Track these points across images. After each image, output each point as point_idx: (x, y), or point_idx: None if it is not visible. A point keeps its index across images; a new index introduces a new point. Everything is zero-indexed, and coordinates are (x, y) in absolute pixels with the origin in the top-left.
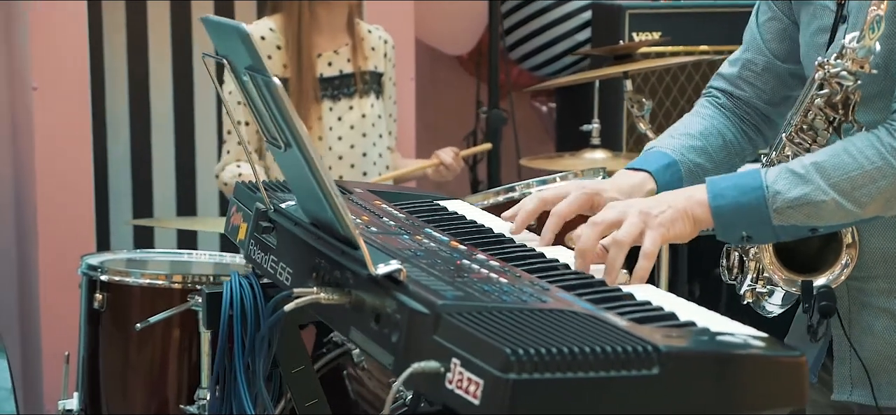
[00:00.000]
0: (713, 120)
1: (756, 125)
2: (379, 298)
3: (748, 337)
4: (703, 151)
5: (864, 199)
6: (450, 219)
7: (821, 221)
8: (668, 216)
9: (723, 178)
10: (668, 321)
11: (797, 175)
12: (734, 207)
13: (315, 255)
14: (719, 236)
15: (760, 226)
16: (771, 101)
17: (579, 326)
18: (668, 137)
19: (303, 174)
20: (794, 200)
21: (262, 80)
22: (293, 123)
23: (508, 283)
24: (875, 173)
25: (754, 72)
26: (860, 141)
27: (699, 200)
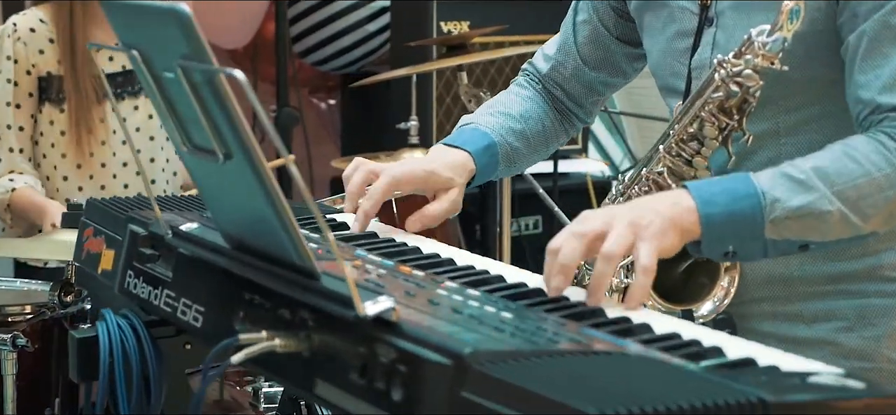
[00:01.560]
0: (534, 103)
1: (569, 119)
2: (362, 344)
3: (831, 374)
4: (521, 136)
5: (869, 210)
6: (368, 238)
7: (818, 236)
8: (657, 227)
9: (707, 182)
10: (717, 358)
11: (797, 181)
12: (726, 216)
13: (244, 289)
14: (704, 251)
15: (750, 240)
16: (578, 103)
17: (648, 373)
18: (488, 114)
19: (243, 191)
20: (796, 210)
21: (203, 75)
22: (243, 130)
23: (513, 316)
24: (883, 181)
25: (563, 75)
26: (863, 145)
27: (686, 206)
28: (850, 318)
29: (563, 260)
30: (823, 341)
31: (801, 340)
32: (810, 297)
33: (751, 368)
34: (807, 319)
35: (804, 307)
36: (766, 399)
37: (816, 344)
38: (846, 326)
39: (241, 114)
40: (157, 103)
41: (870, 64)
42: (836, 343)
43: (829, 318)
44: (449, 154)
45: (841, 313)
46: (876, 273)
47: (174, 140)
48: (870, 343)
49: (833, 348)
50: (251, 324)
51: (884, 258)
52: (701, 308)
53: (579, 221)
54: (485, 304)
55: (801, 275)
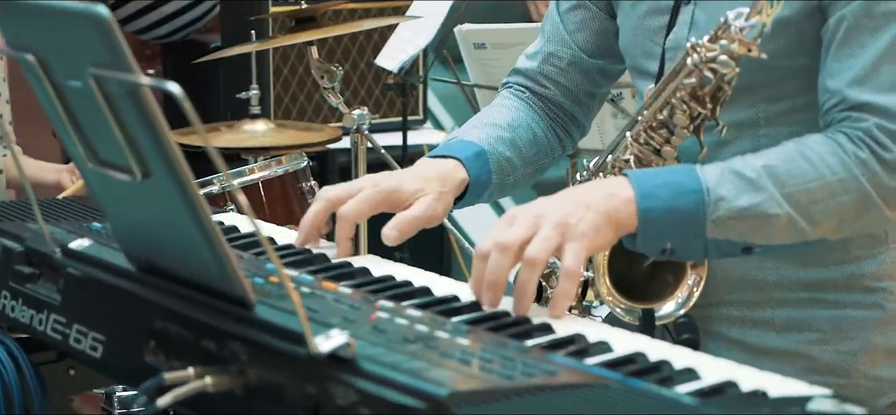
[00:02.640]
0: (520, 112)
1: (564, 125)
2: (311, 384)
3: (827, 399)
4: (511, 144)
5: (819, 216)
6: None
7: (763, 239)
8: (589, 223)
9: (649, 173)
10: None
11: (745, 179)
12: (666, 212)
13: (155, 316)
14: (639, 246)
15: (690, 238)
16: (576, 99)
17: (642, 408)
18: (470, 127)
19: (162, 210)
20: (742, 211)
21: (122, 87)
22: (168, 146)
23: (470, 342)
24: (837, 186)
25: (558, 67)
26: (819, 145)
27: (624, 198)
28: (825, 329)
29: (491, 277)
30: (795, 353)
31: (770, 350)
32: (783, 304)
33: (738, 394)
34: (778, 327)
35: (776, 314)
36: None
37: (787, 356)
38: (821, 338)
39: (166, 129)
40: (55, 115)
41: (845, 52)
42: (810, 356)
43: (802, 328)
44: (430, 166)
45: (815, 323)
46: (855, 283)
47: (74, 154)
48: (845, 358)
49: (805, 361)
50: (165, 356)
51: (865, 267)
52: (663, 308)
53: (507, 222)
54: (434, 327)
55: (775, 279)
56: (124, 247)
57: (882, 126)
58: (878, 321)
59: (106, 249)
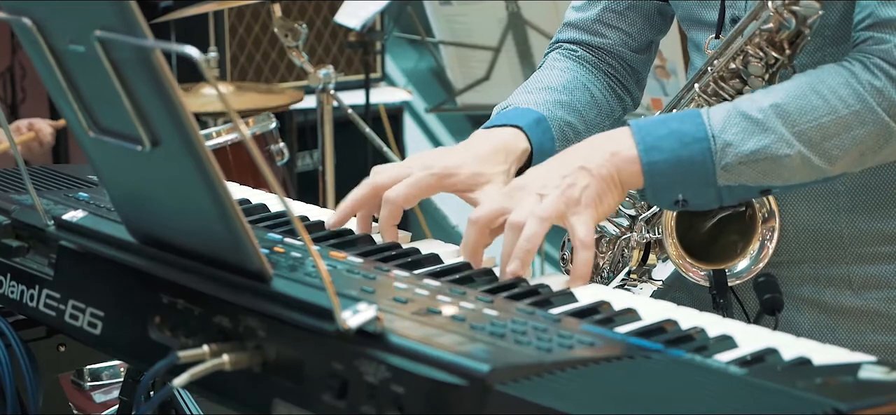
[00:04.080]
0: (575, 73)
1: (622, 81)
2: (337, 360)
3: (876, 367)
4: (570, 108)
5: (835, 152)
6: (261, 212)
7: (778, 180)
8: (593, 192)
9: (653, 122)
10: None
11: (753, 121)
12: (673, 162)
13: (161, 291)
14: (650, 200)
15: (701, 187)
16: (637, 47)
17: (694, 383)
18: (523, 93)
19: (172, 181)
20: (750, 155)
21: (133, 51)
22: (181, 113)
23: (499, 314)
24: (852, 120)
25: (616, 12)
26: (830, 78)
27: (626, 156)
28: None
29: (527, 245)
30: (874, 311)
31: (846, 309)
32: (861, 259)
33: (781, 362)
34: (855, 284)
35: (853, 271)
36: (842, 410)
37: (865, 316)
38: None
39: (180, 95)
40: (52, 81)
41: None
42: (890, 315)
43: (881, 285)
44: (486, 140)
45: (895, 279)
46: None
47: (72, 123)
48: None
49: (885, 320)
50: (172, 332)
51: None
52: (735, 266)
53: (508, 193)
54: (457, 298)
55: (851, 233)
56: (126, 218)
57: None
58: None
59: (102, 220)
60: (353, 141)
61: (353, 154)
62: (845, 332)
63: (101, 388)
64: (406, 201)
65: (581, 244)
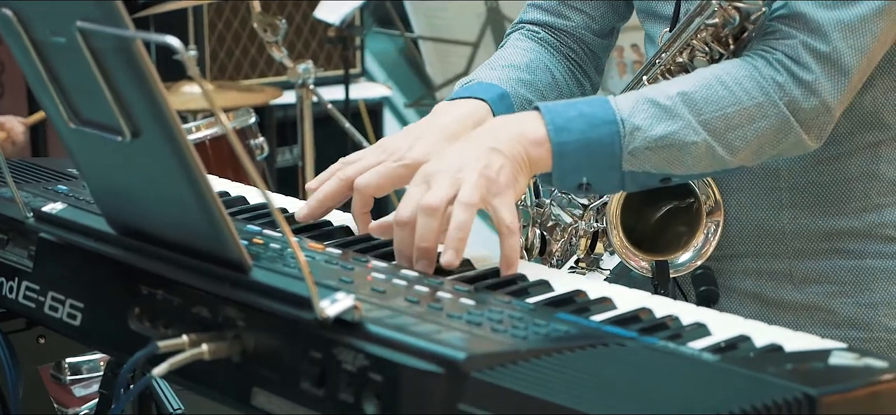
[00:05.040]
0: (537, 53)
1: (582, 65)
2: (316, 348)
3: (845, 353)
4: (532, 87)
5: (737, 143)
6: (240, 205)
7: (681, 168)
8: (509, 173)
9: (562, 105)
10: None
11: (661, 107)
12: (581, 145)
13: (140, 282)
14: (555, 183)
15: (606, 171)
16: (600, 31)
17: (666, 369)
18: (488, 69)
19: (152, 172)
20: (658, 140)
21: (114, 42)
22: (162, 104)
23: (475, 303)
24: (755, 111)
25: None
26: (736, 70)
27: (534, 138)
28: (844, 281)
29: (423, 244)
30: (813, 306)
31: (787, 303)
32: (802, 254)
33: (753, 348)
34: (796, 279)
35: (794, 266)
36: (812, 395)
37: (805, 310)
38: (840, 290)
39: (160, 85)
40: (33, 72)
41: None
42: (829, 310)
43: (821, 280)
44: (450, 112)
45: (835, 275)
46: (876, 232)
47: (53, 114)
48: (866, 311)
49: (824, 314)
50: (151, 323)
51: (885, 215)
52: (679, 258)
53: (423, 180)
54: (434, 287)
55: (793, 229)
56: (106, 210)
57: (807, 43)
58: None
59: (82, 212)
60: (333, 136)
61: (333, 150)
62: (786, 326)
63: (81, 382)
64: (377, 191)
65: (508, 230)
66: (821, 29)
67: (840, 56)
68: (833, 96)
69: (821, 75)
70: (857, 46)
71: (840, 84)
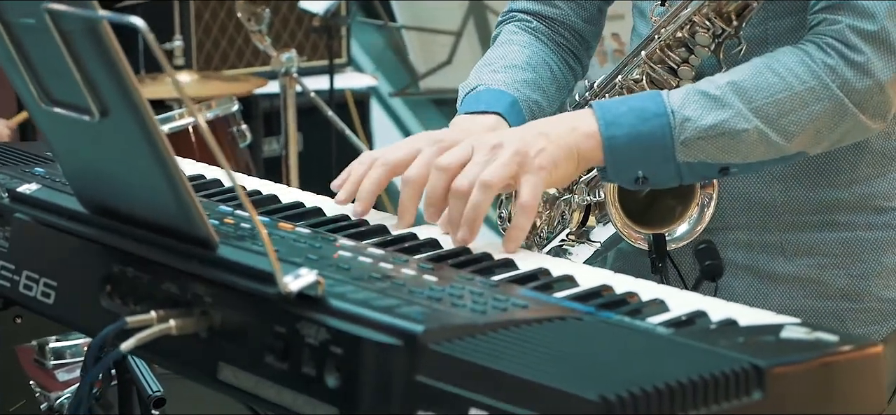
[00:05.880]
0: (534, 48)
1: (574, 51)
2: (280, 323)
3: (798, 328)
4: (535, 85)
5: (792, 128)
6: (216, 187)
7: (737, 157)
8: (548, 156)
9: (614, 101)
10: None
11: (711, 97)
12: (633, 138)
13: (112, 260)
14: (611, 178)
15: (660, 163)
16: (588, 17)
17: (621, 343)
18: (490, 71)
19: (121, 151)
20: (709, 129)
21: (81, 23)
22: (129, 84)
23: (438, 279)
24: (807, 96)
25: None
26: (786, 57)
27: (586, 131)
28: (835, 252)
29: (471, 214)
30: (805, 278)
31: (779, 275)
32: (793, 227)
33: (709, 323)
34: (788, 252)
35: (785, 238)
36: (760, 365)
37: (797, 281)
38: (831, 261)
39: (127, 65)
40: (5, 55)
41: None
42: (820, 281)
43: (812, 252)
44: (473, 123)
45: (826, 246)
46: (866, 203)
47: (24, 95)
48: (856, 281)
49: (816, 286)
50: (122, 301)
51: (875, 186)
52: (675, 231)
53: (457, 147)
54: (399, 265)
55: (784, 201)
56: (78, 190)
57: (854, 26)
58: (889, 241)
59: (56, 193)
60: (321, 126)
61: (322, 138)
62: (778, 297)
63: (65, 366)
64: (404, 166)
65: (521, 208)
66: (867, 11)
67: (888, 35)
68: (886, 75)
69: (872, 55)
70: None
71: (891, 63)
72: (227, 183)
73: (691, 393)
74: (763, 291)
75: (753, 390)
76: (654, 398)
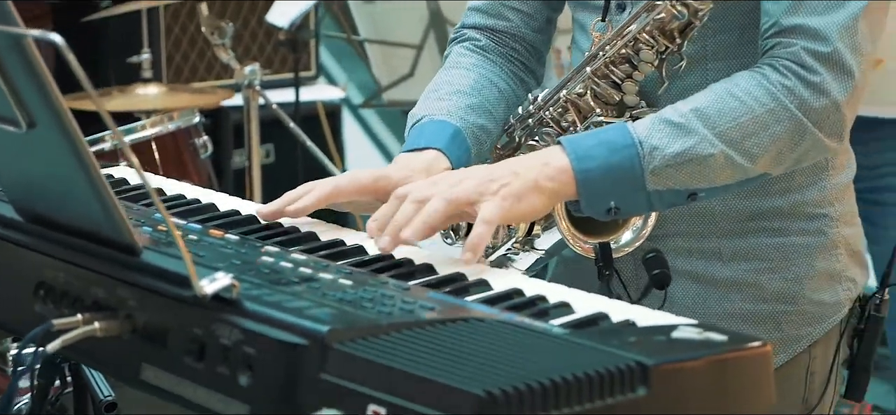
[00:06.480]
0: (480, 69)
1: (525, 62)
2: (197, 325)
3: (692, 329)
4: (481, 110)
5: (755, 149)
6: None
7: (704, 182)
8: (514, 188)
9: (583, 136)
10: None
11: (675, 125)
12: (605, 170)
13: (45, 267)
14: (584, 210)
15: (632, 193)
16: (538, 27)
17: (516, 341)
18: (436, 100)
19: (49, 161)
20: (676, 156)
21: (6, 39)
22: (54, 97)
23: (353, 283)
24: (768, 118)
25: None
26: (745, 81)
27: (558, 166)
28: (771, 257)
29: (424, 218)
30: (743, 282)
31: (718, 280)
32: (730, 233)
33: (609, 325)
34: (725, 257)
35: (723, 244)
36: (645, 363)
37: (735, 286)
38: (767, 266)
39: (51, 79)
40: None
41: None
42: (757, 285)
43: (748, 257)
44: (412, 160)
45: (762, 251)
46: (799, 210)
47: None
48: (791, 285)
49: (753, 290)
50: (55, 306)
51: (807, 194)
52: (620, 239)
53: (422, 183)
54: (317, 270)
55: (722, 209)
56: (13, 199)
57: (809, 48)
58: (821, 246)
59: None
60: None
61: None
62: (716, 301)
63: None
64: (346, 191)
65: (481, 219)
66: (820, 34)
67: (841, 55)
68: (841, 95)
69: (827, 75)
70: (853, 45)
71: (846, 83)
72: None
73: (576, 389)
74: (702, 295)
75: (638, 387)
76: (539, 393)
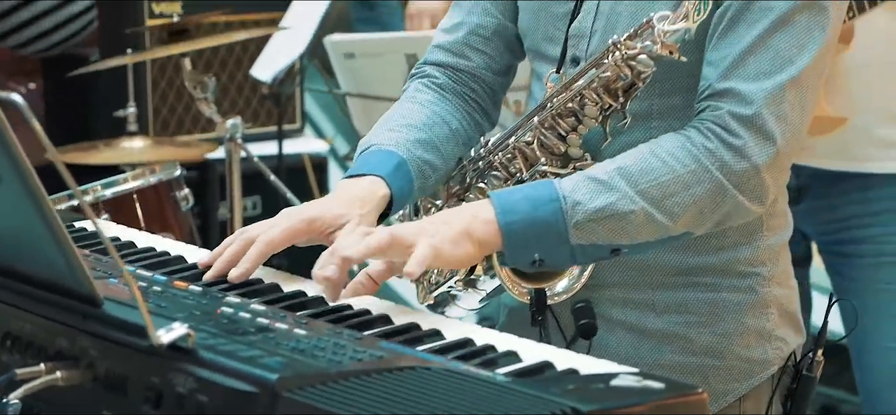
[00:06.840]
0: (434, 107)
1: (481, 103)
2: (155, 374)
3: (631, 376)
4: (429, 145)
5: (676, 209)
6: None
7: (626, 238)
8: (444, 235)
9: (510, 190)
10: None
11: (599, 182)
12: (528, 223)
13: (11, 317)
14: (509, 262)
15: (555, 246)
16: (498, 70)
17: (457, 388)
18: (386, 130)
19: (13, 216)
20: (598, 212)
21: None
22: (16, 154)
23: (307, 333)
24: (689, 178)
25: (483, 37)
26: (668, 143)
27: (484, 218)
28: (702, 311)
29: (341, 254)
30: (674, 334)
31: (650, 330)
32: (663, 286)
33: (553, 373)
34: (658, 309)
35: (656, 296)
36: (580, 409)
37: (666, 337)
38: (697, 320)
39: (14, 138)
40: None
41: (723, 42)
42: (687, 338)
43: (680, 310)
44: (351, 187)
45: (692, 306)
46: (731, 267)
47: None
48: (720, 340)
49: (683, 342)
50: (21, 355)
51: (740, 253)
52: (556, 287)
53: (354, 234)
54: (274, 320)
55: (657, 263)
56: None
57: (733, 112)
58: (751, 304)
59: None
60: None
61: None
62: (647, 351)
63: None
64: (281, 243)
65: (413, 259)
66: (746, 98)
67: (764, 121)
68: (761, 159)
69: (749, 139)
70: (778, 113)
71: (767, 149)
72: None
73: None
74: (635, 345)
75: None
76: None
